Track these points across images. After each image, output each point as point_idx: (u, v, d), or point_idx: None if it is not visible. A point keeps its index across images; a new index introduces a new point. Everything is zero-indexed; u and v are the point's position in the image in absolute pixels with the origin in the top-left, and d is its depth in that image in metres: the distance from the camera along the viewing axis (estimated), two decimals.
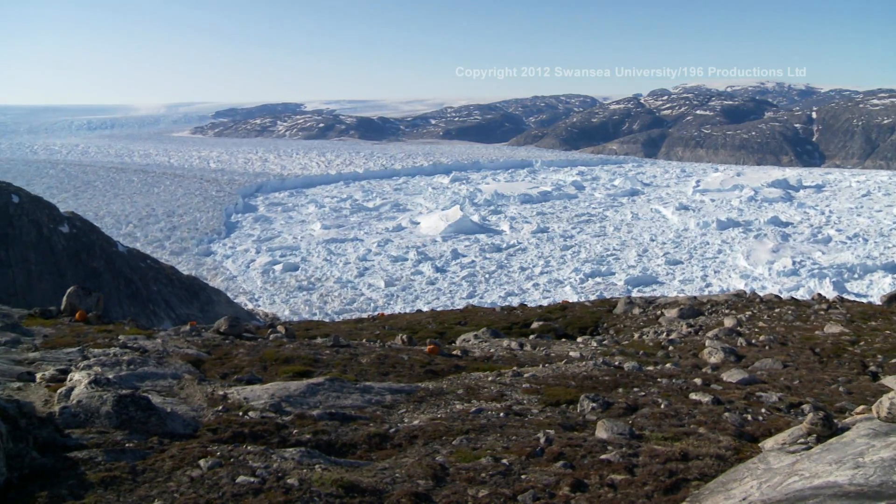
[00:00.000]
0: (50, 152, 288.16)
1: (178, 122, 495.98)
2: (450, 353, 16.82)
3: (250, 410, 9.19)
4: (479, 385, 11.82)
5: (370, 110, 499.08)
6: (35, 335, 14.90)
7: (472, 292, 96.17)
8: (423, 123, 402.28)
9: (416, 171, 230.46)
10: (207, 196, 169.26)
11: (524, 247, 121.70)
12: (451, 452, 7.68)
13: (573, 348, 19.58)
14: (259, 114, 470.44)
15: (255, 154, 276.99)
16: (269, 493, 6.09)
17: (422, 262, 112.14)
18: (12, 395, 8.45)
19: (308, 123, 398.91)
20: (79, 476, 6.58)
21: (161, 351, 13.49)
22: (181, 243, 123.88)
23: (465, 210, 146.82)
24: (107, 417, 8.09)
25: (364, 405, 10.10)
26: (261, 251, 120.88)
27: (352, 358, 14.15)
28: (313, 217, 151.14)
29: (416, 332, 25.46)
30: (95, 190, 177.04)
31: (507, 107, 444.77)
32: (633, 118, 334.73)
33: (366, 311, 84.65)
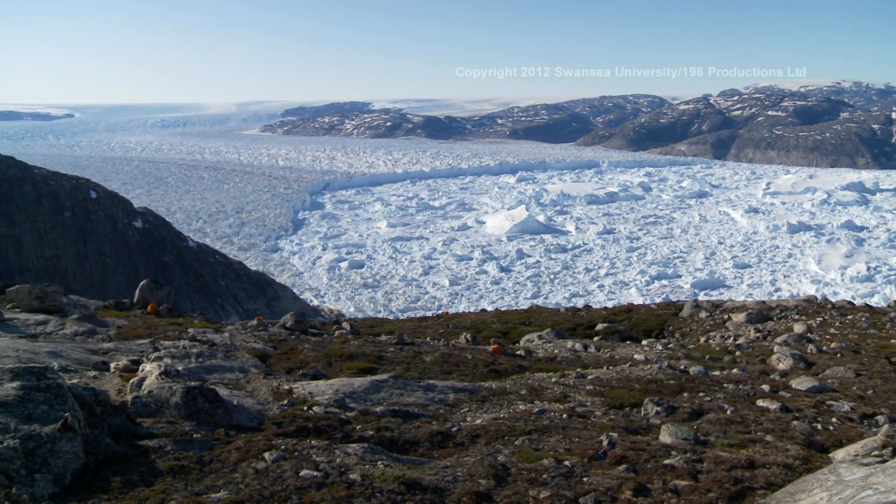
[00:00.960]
0: (125, 149, 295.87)
1: (248, 120, 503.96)
2: (513, 353, 16.78)
3: (315, 405, 9.30)
4: (542, 386, 11.77)
5: (437, 109, 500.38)
6: (109, 326, 15.32)
7: (537, 292, 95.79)
8: (489, 123, 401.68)
9: (482, 170, 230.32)
10: (276, 193, 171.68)
11: (590, 248, 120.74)
12: (512, 452, 7.66)
13: (638, 351, 19.35)
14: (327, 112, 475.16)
15: (322, 152, 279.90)
16: (331, 488, 6.14)
17: (487, 261, 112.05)
18: (88, 384, 8.69)
19: (375, 122, 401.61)
20: (149, 464, 6.75)
21: (229, 345, 13.74)
22: (249, 239, 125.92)
23: (530, 210, 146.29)
24: (176, 408, 8.28)
25: (427, 403, 10.13)
26: (327, 248, 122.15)
27: (416, 356, 14.21)
28: (379, 215, 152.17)
29: (479, 332, 25.48)
30: (168, 186, 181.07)
31: (575, 107, 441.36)
32: (702, 119, 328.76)
33: (430, 309, 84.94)
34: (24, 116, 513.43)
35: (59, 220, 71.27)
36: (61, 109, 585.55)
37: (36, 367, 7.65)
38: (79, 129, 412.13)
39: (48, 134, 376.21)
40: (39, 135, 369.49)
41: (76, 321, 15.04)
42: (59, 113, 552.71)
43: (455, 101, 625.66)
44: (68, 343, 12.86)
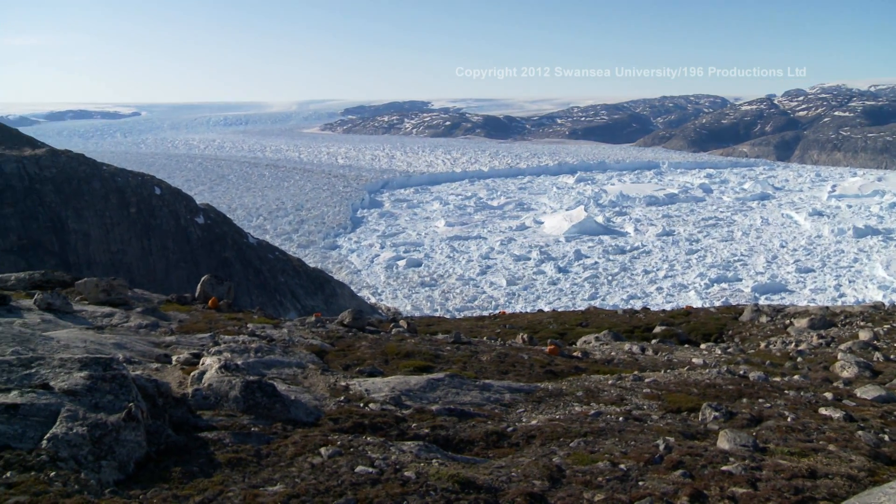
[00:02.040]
0: (189, 147, 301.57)
1: (308, 118, 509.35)
2: (570, 354, 16.70)
3: (371, 402, 9.37)
4: (598, 388, 11.70)
5: (496, 109, 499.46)
6: (171, 320, 15.63)
7: (594, 294, 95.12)
8: (549, 123, 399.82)
9: (541, 170, 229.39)
10: (335, 191, 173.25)
11: (648, 249, 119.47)
12: (568, 454, 7.62)
13: (696, 355, 19.10)
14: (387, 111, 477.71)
15: (381, 151, 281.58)
16: (386, 484, 6.19)
17: (544, 261, 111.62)
18: (151, 375, 8.89)
19: (435, 121, 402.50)
20: (208, 455, 6.88)
21: (287, 340, 13.91)
22: (308, 236, 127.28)
23: (589, 211, 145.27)
24: (235, 402, 8.42)
25: (483, 403, 10.14)
26: (385, 246, 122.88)
27: (472, 355, 14.22)
28: (438, 214, 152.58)
29: (536, 332, 25.39)
30: (229, 183, 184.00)
31: (635, 107, 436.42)
32: (765, 119, 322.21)
33: (487, 308, 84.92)
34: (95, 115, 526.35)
35: (125, 216, 72.93)
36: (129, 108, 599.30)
37: (102, 358, 7.85)
38: (145, 128, 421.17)
39: (116, 132, 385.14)
40: (108, 133, 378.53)
41: (140, 314, 15.38)
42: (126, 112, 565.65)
43: (515, 101, 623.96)
44: (132, 335, 13.16)
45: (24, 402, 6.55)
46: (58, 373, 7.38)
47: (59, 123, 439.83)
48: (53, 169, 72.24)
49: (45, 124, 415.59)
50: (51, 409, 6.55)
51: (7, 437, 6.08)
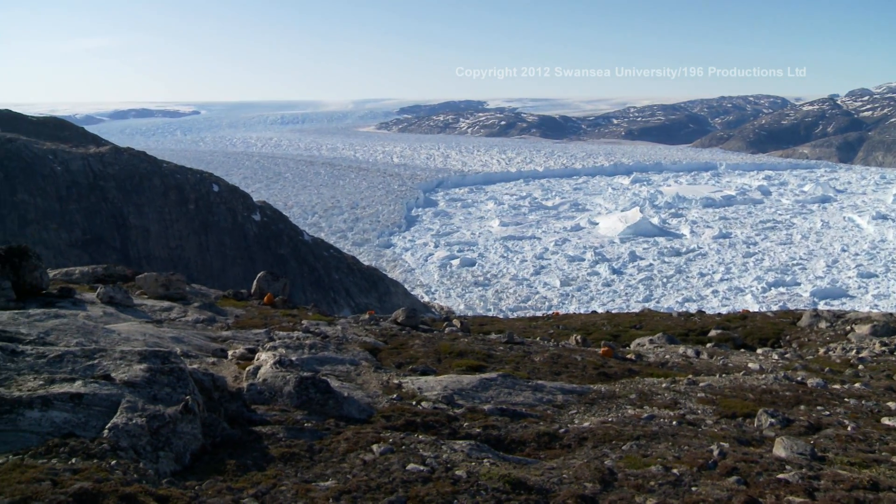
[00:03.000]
0: (247, 145, 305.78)
1: (364, 117, 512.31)
2: (624, 356, 16.57)
3: (423, 401, 9.41)
4: (652, 391, 11.59)
5: (552, 109, 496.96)
6: (228, 315, 15.88)
7: (649, 296, 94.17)
8: (604, 123, 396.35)
9: (596, 170, 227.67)
10: (390, 190, 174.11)
11: (704, 252, 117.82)
12: (620, 457, 7.57)
13: (752, 360, 18.79)
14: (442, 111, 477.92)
15: (437, 150, 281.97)
16: (437, 483, 6.21)
17: (598, 262, 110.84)
18: (208, 369, 9.05)
19: (490, 121, 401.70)
20: (262, 449, 6.98)
21: (341, 337, 14.04)
22: (363, 235, 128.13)
23: (644, 212, 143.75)
24: (289, 397, 8.53)
25: (535, 403, 10.12)
26: (439, 245, 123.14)
27: (525, 355, 14.20)
28: (492, 214, 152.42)
29: (590, 334, 25.24)
30: (285, 181, 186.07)
31: (692, 107, 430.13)
32: (827, 120, 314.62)
33: (540, 309, 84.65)
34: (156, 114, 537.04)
35: (183, 212, 74.24)
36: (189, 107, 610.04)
37: (161, 352, 8.02)
38: (204, 126, 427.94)
39: (176, 130, 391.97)
40: (168, 131, 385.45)
41: (197, 309, 15.65)
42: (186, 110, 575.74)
43: (570, 101, 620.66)
44: (190, 329, 13.40)
45: (87, 392, 6.72)
46: (119, 364, 7.56)
47: (123, 122, 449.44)
48: (116, 166, 73.88)
49: (109, 123, 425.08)
50: (112, 400, 6.72)
51: (72, 426, 6.26)
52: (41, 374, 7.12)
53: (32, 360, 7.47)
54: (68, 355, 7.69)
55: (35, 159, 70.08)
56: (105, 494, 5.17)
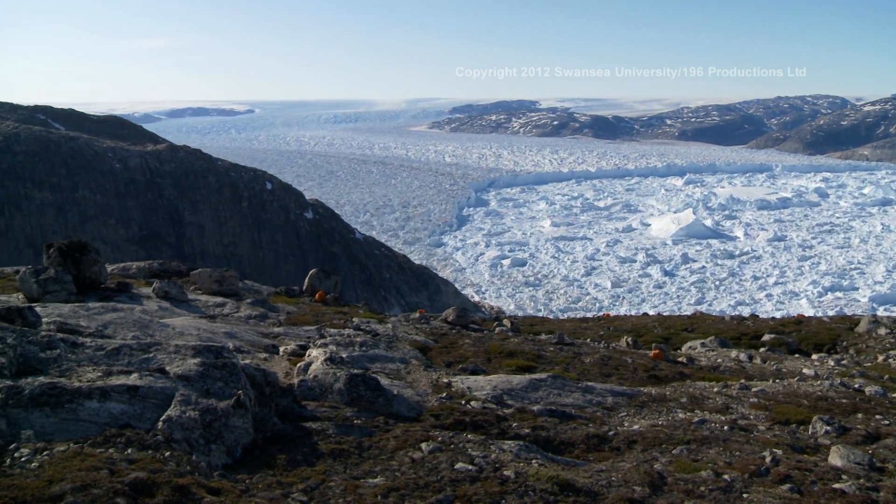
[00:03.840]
0: (300, 143, 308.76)
1: (416, 116, 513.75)
2: (675, 359, 16.40)
3: (472, 400, 9.42)
4: (703, 395, 11.44)
5: (605, 109, 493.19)
6: (280, 311, 16.07)
7: (701, 299, 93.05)
8: (658, 123, 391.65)
9: (648, 171, 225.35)
10: (441, 189, 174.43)
11: (758, 255, 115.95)
12: (670, 461, 7.49)
13: (807, 365, 18.44)
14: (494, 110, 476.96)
15: (489, 149, 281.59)
16: (485, 482, 6.22)
17: (650, 264, 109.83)
18: (259, 365, 9.17)
19: (542, 121, 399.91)
20: (312, 445, 7.06)
21: (391, 335, 14.11)
22: (414, 234, 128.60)
23: (697, 214, 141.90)
24: (339, 394, 8.60)
25: (584, 405, 10.07)
26: (490, 245, 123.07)
27: (575, 357, 14.13)
28: (543, 214, 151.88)
29: (640, 336, 25.03)
30: (338, 179, 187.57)
31: (748, 107, 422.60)
32: (890, 121, 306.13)
33: (591, 310, 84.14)
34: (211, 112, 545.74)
35: (237, 210, 75.29)
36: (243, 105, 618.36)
37: (214, 346, 8.15)
38: (258, 124, 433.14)
39: (231, 128, 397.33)
40: (223, 129, 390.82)
41: (250, 305, 15.87)
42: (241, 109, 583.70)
43: (623, 101, 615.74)
44: (242, 325, 13.59)
45: (142, 384, 6.86)
46: (173, 358, 7.70)
47: (179, 120, 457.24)
48: (172, 164, 75.19)
49: (167, 121, 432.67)
50: (166, 393, 6.85)
51: (128, 417, 6.40)
52: (99, 366, 7.29)
53: (91, 353, 7.65)
54: (125, 348, 7.86)
55: (95, 157, 71.67)
56: (159, 485, 5.28)
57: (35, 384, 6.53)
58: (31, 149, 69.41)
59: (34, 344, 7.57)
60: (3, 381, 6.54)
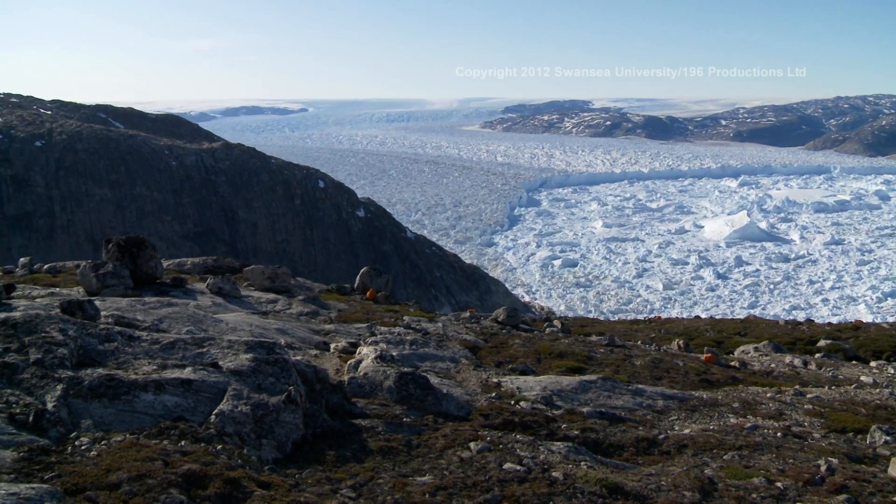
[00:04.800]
0: (352, 142, 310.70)
1: (468, 116, 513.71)
2: (727, 363, 16.17)
3: (522, 400, 9.40)
4: (756, 400, 11.27)
5: (658, 109, 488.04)
6: (331, 309, 16.20)
7: (754, 302, 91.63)
8: (712, 124, 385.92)
9: (702, 172, 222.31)
10: (493, 189, 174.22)
11: (815, 258, 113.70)
12: (721, 467, 7.39)
13: (865, 373, 18.04)
14: (547, 110, 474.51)
15: (541, 149, 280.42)
16: (533, 483, 6.20)
17: (703, 267, 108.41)
18: (310, 361, 9.26)
19: (595, 121, 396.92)
20: (361, 442, 7.11)
21: (441, 334, 14.14)
22: (465, 233, 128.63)
23: (752, 216, 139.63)
24: (388, 392, 8.65)
25: (634, 408, 9.99)
26: (541, 245, 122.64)
27: (625, 359, 14.02)
28: (595, 215, 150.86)
29: (692, 339, 24.72)
30: (390, 178, 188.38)
31: (805, 108, 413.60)
32: None
33: (642, 312, 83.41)
34: (266, 111, 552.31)
35: (289, 207, 76.07)
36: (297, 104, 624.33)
37: (266, 342, 8.25)
38: (311, 123, 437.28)
39: (284, 127, 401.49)
40: (277, 128, 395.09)
41: (302, 302, 16.02)
42: (294, 108, 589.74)
43: (677, 101, 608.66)
44: (294, 322, 13.73)
45: (196, 378, 6.98)
46: (226, 353, 7.81)
47: (234, 119, 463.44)
48: (227, 161, 76.23)
49: (222, 120, 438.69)
50: (219, 387, 6.96)
51: (182, 410, 6.53)
52: (155, 360, 7.43)
53: (147, 346, 7.80)
54: (179, 342, 8.00)
55: (153, 155, 72.98)
56: (211, 477, 5.37)
57: (94, 375, 6.69)
58: (93, 147, 70.96)
59: (93, 336, 7.75)
60: (64, 371, 6.72)
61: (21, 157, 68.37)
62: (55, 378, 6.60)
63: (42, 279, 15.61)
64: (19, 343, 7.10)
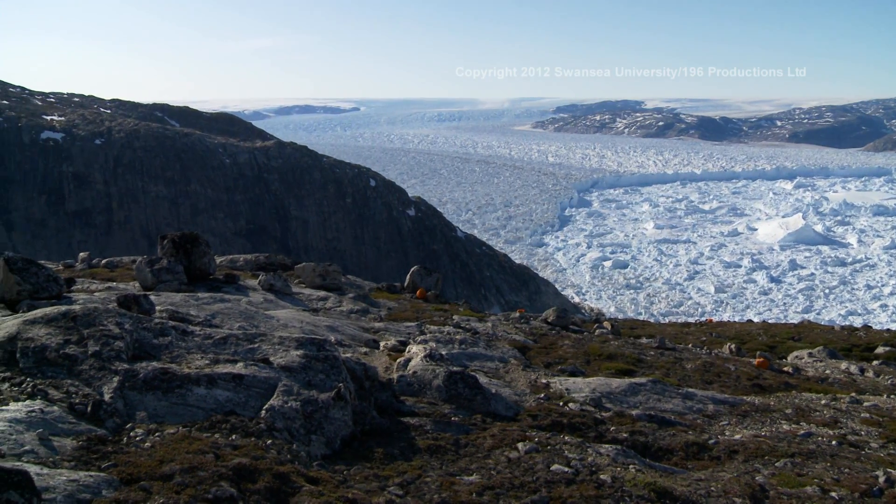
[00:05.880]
0: (403, 141, 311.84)
1: (520, 116, 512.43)
2: (780, 368, 15.90)
3: (570, 402, 9.36)
4: (810, 407, 11.07)
5: (712, 110, 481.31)
6: (381, 307, 16.28)
7: (809, 307, 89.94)
8: (767, 125, 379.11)
9: (756, 174, 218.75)
10: (543, 189, 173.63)
11: (873, 263, 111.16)
12: (772, 474, 7.27)
13: None
14: (599, 110, 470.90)
15: (592, 150, 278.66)
16: (581, 486, 6.17)
17: (756, 270, 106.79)
18: (360, 359, 9.32)
19: (647, 121, 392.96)
20: (409, 440, 7.14)
21: (490, 334, 14.13)
22: (515, 233, 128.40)
23: (807, 219, 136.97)
24: (437, 391, 8.67)
25: (684, 412, 9.88)
26: (591, 246, 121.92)
27: (676, 362, 13.87)
28: (646, 216, 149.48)
29: (744, 343, 24.37)
30: (440, 177, 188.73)
31: (865, 108, 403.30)
32: None
33: (692, 315, 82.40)
34: (318, 110, 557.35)
35: (341, 205, 76.62)
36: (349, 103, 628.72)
37: (317, 339, 8.33)
38: (363, 122, 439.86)
39: (336, 126, 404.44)
40: (329, 126, 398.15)
41: (352, 300, 16.13)
42: (346, 107, 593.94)
43: (731, 102, 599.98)
44: (344, 319, 13.83)
45: (247, 373, 7.08)
46: (277, 349, 7.91)
47: (287, 117, 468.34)
48: (279, 159, 77.07)
49: (275, 118, 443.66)
50: (269, 383, 7.05)
51: (233, 404, 6.63)
52: (207, 354, 7.55)
53: (200, 341, 7.93)
54: (231, 338, 8.11)
55: (207, 152, 74.08)
56: (261, 471, 5.44)
57: (149, 369, 6.84)
58: (149, 144, 72.29)
59: (148, 330, 7.90)
60: (120, 364, 6.88)
61: (82, 154, 69.94)
62: (112, 370, 6.76)
63: (100, 273, 15.95)
64: (79, 335, 7.28)
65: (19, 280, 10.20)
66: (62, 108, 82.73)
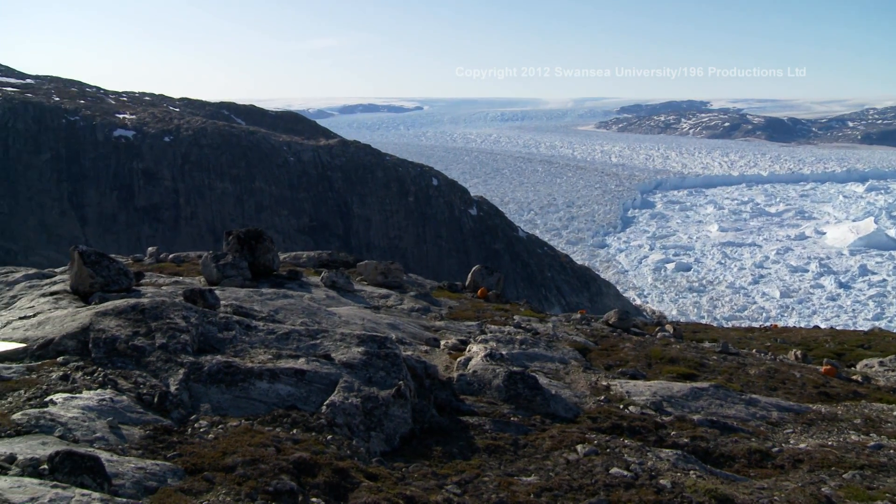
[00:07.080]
0: (466, 140, 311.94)
1: (583, 116, 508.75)
2: (848, 377, 15.50)
3: (631, 405, 9.28)
4: (881, 417, 10.77)
5: (780, 110, 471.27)
6: (442, 306, 16.32)
7: (880, 314, 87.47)
8: (838, 126, 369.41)
9: (826, 176, 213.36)
10: (606, 190, 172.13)
11: None
12: (840, 486, 7.10)
13: None
14: (663, 110, 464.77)
15: (656, 150, 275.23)
16: (640, 490, 6.11)
17: (824, 275, 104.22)
18: (420, 357, 9.37)
19: (713, 122, 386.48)
20: (468, 439, 7.16)
21: (551, 335, 14.07)
22: (577, 234, 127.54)
23: (879, 223, 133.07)
24: (497, 390, 8.67)
25: (747, 418, 9.71)
26: (654, 248, 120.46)
27: (739, 367, 13.64)
28: (711, 218, 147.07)
29: (811, 350, 23.83)
30: (503, 177, 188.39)
31: None
32: None
33: (757, 320, 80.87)
34: (381, 108, 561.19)
35: (403, 204, 77.00)
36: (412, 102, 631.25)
37: (378, 336, 8.40)
38: (426, 121, 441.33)
39: (400, 125, 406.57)
40: (392, 125, 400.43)
41: (413, 298, 16.20)
42: (410, 106, 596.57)
43: (800, 102, 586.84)
44: (405, 317, 13.90)
45: (309, 369, 7.17)
46: (338, 346, 7.99)
47: (350, 116, 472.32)
48: (343, 158, 77.78)
49: (339, 117, 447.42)
50: (330, 379, 7.13)
51: (294, 399, 6.73)
52: (270, 349, 7.67)
53: (263, 336, 8.06)
54: (294, 333, 8.22)
55: (272, 150, 75.15)
56: (321, 466, 5.51)
57: (213, 362, 6.98)
58: (216, 142, 73.63)
59: (213, 324, 8.06)
60: (186, 356, 7.03)
61: (151, 151, 71.59)
62: (178, 362, 6.92)
63: (167, 268, 16.30)
64: (147, 328, 7.47)
65: (92, 273, 10.51)
66: (134, 106, 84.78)
